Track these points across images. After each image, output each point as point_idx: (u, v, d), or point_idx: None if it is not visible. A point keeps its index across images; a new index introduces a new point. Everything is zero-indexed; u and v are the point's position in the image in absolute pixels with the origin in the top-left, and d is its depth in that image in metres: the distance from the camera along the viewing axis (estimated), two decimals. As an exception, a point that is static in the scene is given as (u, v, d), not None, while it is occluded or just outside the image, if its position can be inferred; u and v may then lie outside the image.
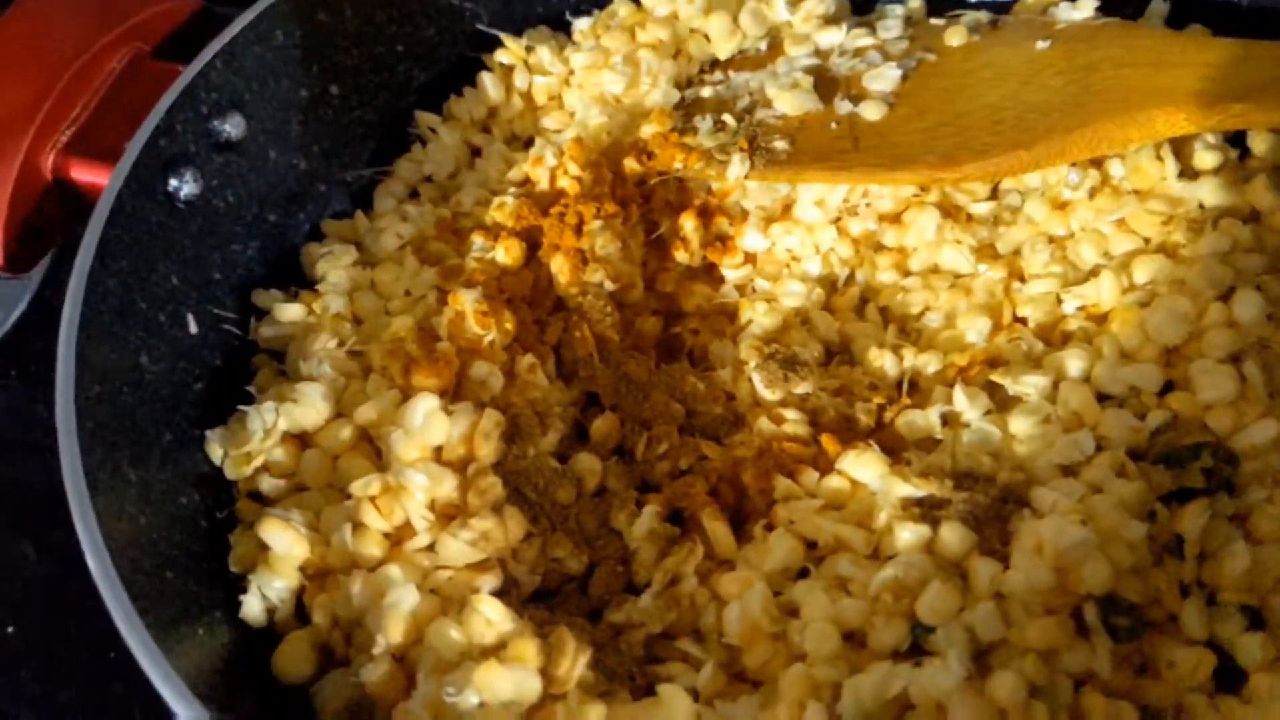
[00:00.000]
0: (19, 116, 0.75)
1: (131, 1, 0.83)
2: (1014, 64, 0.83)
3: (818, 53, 0.92)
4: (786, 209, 0.88)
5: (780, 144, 0.85)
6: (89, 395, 0.65)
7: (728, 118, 0.88)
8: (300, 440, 0.75)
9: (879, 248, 0.88)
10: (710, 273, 0.87)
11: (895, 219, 0.88)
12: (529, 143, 0.94)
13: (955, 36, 0.88)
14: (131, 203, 0.73)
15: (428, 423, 0.70)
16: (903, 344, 0.81)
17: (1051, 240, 0.83)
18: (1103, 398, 0.73)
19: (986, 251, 0.85)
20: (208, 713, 0.57)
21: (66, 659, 0.84)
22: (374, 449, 0.74)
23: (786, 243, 0.86)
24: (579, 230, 0.82)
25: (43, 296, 1.06)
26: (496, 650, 0.62)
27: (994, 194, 0.88)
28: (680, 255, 0.85)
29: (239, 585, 0.70)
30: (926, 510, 0.68)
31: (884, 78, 0.86)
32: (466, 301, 0.76)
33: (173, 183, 0.77)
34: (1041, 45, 0.83)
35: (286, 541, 0.68)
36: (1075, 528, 0.62)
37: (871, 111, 0.85)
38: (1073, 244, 0.82)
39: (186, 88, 0.77)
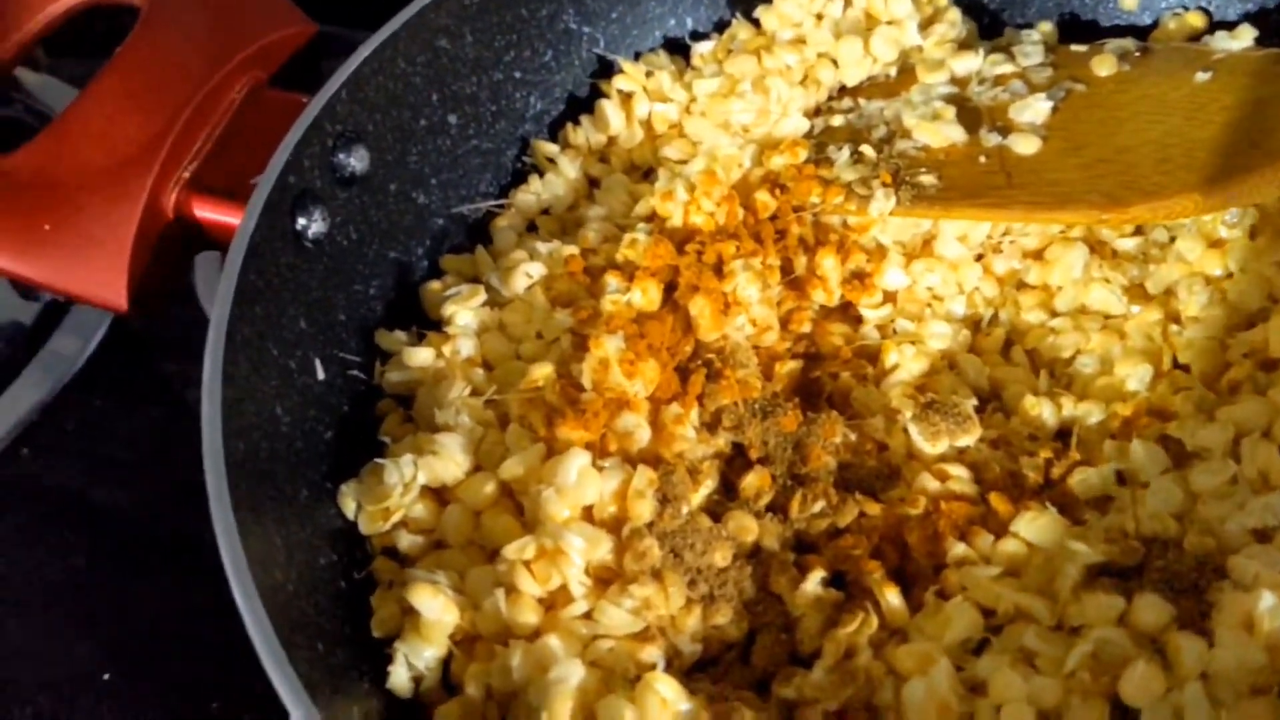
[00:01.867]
0: (143, 153, 0.72)
1: (250, 28, 0.79)
2: (1173, 97, 0.79)
3: (954, 80, 0.88)
4: (927, 244, 0.84)
5: (927, 178, 0.81)
6: (235, 456, 0.62)
7: (866, 149, 0.84)
8: (437, 495, 0.71)
9: (1021, 286, 0.84)
10: (846, 311, 0.84)
11: (1038, 255, 0.84)
12: (647, 174, 0.91)
13: (1104, 66, 0.84)
14: (263, 244, 0.70)
15: (581, 481, 0.67)
16: (1059, 392, 0.77)
17: (1208, 280, 0.79)
18: (1287, 454, 0.69)
19: (1136, 291, 0.81)
20: None
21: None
22: (515, 504, 0.71)
23: (928, 281, 0.83)
24: (719, 270, 0.78)
25: (121, 318, 1.04)
26: (672, 732, 0.59)
27: (1140, 230, 0.84)
28: (818, 294, 0.81)
29: (381, 652, 0.66)
30: (1115, 580, 0.64)
31: (1033, 109, 0.82)
32: (610, 348, 0.72)
33: (301, 221, 0.73)
34: (1202, 77, 0.79)
35: (438, 608, 0.64)
36: (1289, 604, 0.58)
37: (1024, 145, 0.81)
38: (1232, 285, 0.78)
39: (314, 120, 0.74)
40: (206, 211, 0.75)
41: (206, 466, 0.60)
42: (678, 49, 0.95)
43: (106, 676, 0.85)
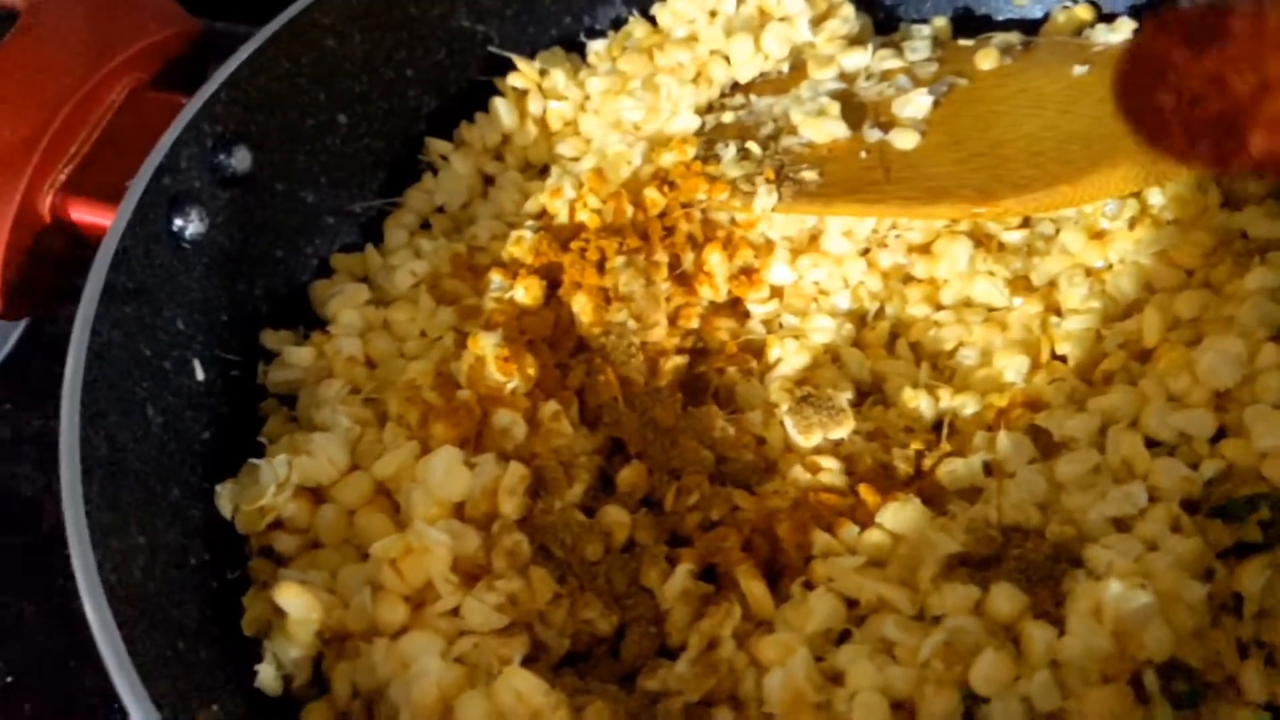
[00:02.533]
0: (15, 155, 0.71)
1: (130, 30, 0.79)
2: (1050, 90, 0.80)
3: (843, 76, 0.89)
4: (813, 240, 0.85)
5: (809, 174, 0.82)
6: (95, 455, 0.62)
7: (752, 146, 0.84)
8: (314, 494, 0.72)
9: (908, 279, 0.85)
10: (734, 307, 0.84)
11: (925, 249, 0.85)
12: (543, 170, 0.91)
13: (987, 60, 0.85)
14: (135, 245, 0.69)
15: (449, 477, 0.67)
16: (938, 384, 0.78)
17: (1089, 272, 0.80)
18: (1151, 444, 0.70)
19: (1020, 284, 0.82)
20: None
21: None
22: (392, 503, 0.71)
23: (814, 276, 0.83)
24: (601, 267, 0.79)
25: (36, 322, 1.03)
26: (529, 725, 0.59)
27: (1026, 222, 0.85)
28: (705, 290, 0.82)
29: (253, 650, 0.66)
30: (974, 568, 0.65)
31: (915, 104, 0.83)
32: (487, 346, 0.72)
33: (178, 222, 0.73)
34: (1079, 70, 0.80)
35: (304, 606, 0.64)
36: (1137, 592, 0.59)
37: (903, 140, 0.81)
38: (1112, 276, 0.79)
39: (190, 122, 0.74)
40: (83, 214, 0.75)
41: (62, 465, 0.60)
42: (574, 47, 0.95)
43: (10, 680, 0.86)
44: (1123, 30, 0.84)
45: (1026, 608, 0.62)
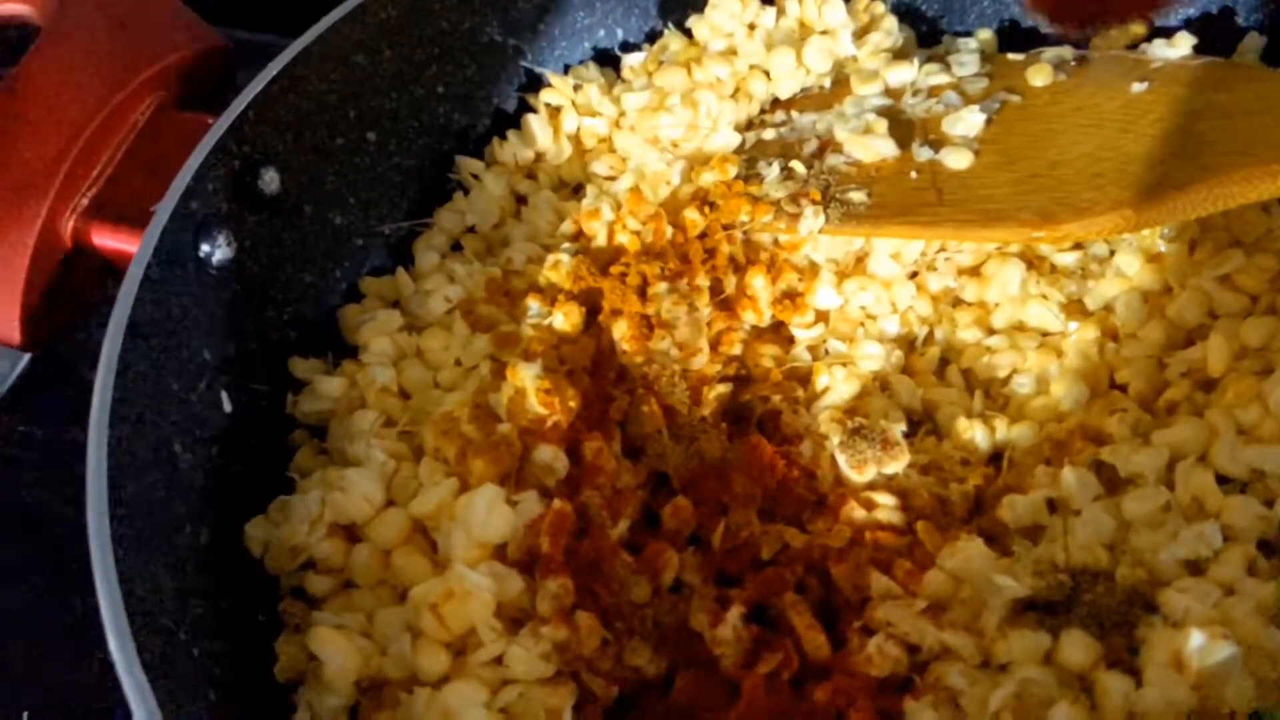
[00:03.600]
0: (37, 178, 0.69)
1: (154, 47, 0.76)
2: (1108, 108, 0.77)
3: (888, 92, 0.86)
4: (859, 262, 0.82)
5: (856, 195, 0.79)
6: (122, 498, 0.59)
7: (796, 165, 0.81)
8: (348, 532, 0.69)
9: (957, 303, 0.82)
10: (777, 332, 0.81)
11: (974, 272, 0.82)
12: (577, 189, 0.88)
13: (1039, 76, 0.82)
14: (161, 274, 0.67)
15: (491, 517, 0.64)
16: (993, 413, 0.75)
17: (1147, 297, 0.77)
18: (1221, 479, 0.67)
19: (1074, 308, 0.79)
20: None
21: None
22: (429, 541, 0.68)
23: (861, 300, 0.80)
24: (642, 293, 0.76)
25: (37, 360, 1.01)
26: (581, 782, 0.56)
27: (1079, 244, 0.82)
28: (748, 315, 0.79)
29: (286, 698, 0.63)
30: (1043, 614, 0.62)
31: (966, 121, 0.80)
32: (527, 377, 0.69)
33: (205, 248, 0.70)
34: (1138, 88, 0.77)
35: (340, 654, 0.62)
36: (1219, 643, 0.56)
37: (956, 160, 0.78)
38: (1171, 301, 0.76)
39: (217, 144, 0.71)
40: (106, 239, 0.72)
41: (89, 511, 0.57)
42: (608, 61, 0.93)
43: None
44: (1181, 46, 0.81)
45: (1100, 657, 0.59)
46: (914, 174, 0.79)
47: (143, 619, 0.56)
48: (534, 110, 0.88)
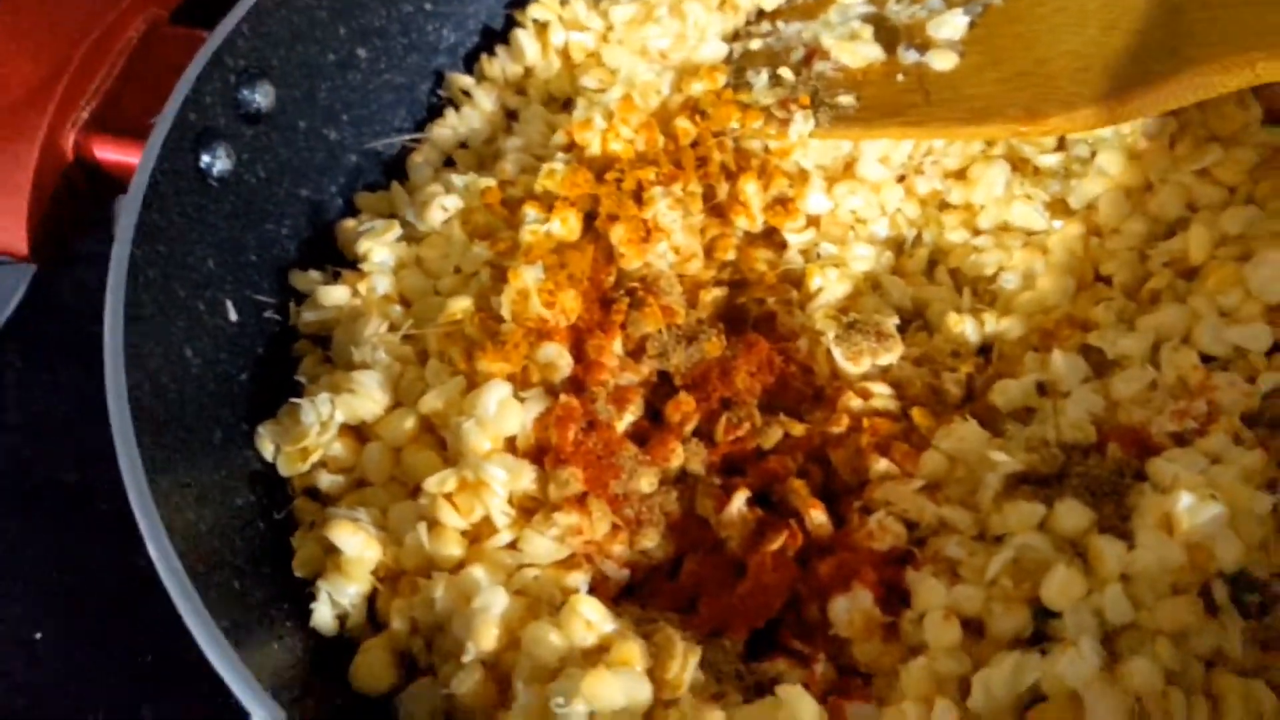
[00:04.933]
0: (38, 93, 0.69)
1: (146, -38, 0.76)
2: (1091, 7, 0.79)
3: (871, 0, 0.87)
4: (848, 167, 0.83)
5: (845, 99, 0.80)
6: (141, 397, 0.60)
7: (784, 72, 0.83)
8: (356, 432, 0.70)
9: (944, 206, 0.84)
10: (770, 237, 0.83)
11: (960, 175, 0.83)
12: (566, 104, 0.89)
13: (1020, -21, 0.83)
14: (165, 183, 0.68)
15: (501, 412, 0.66)
16: (982, 308, 0.77)
17: (1129, 193, 0.79)
18: (1205, 359, 0.69)
19: (1058, 206, 0.81)
20: (284, 713, 0.53)
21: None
22: (436, 439, 0.69)
23: (851, 203, 0.82)
24: (639, 198, 0.77)
25: (40, 277, 1.01)
26: (598, 654, 0.58)
27: (1061, 144, 0.83)
28: (741, 220, 0.80)
29: (305, 591, 0.65)
30: (1036, 487, 0.64)
31: (950, 24, 0.82)
32: (529, 279, 0.71)
33: (205, 159, 0.71)
34: (1119, -14, 0.79)
35: (359, 544, 0.63)
36: (1207, 503, 0.58)
37: (942, 61, 0.80)
38: (1153, 196, 0.78)
39: (213, 56, 0.72)
40: (107, 152, 0.73)
41: (111, 409, 0.59)
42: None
43: (38, 635, 0.84)
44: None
45: (1093, 523, 0.61)
46: (900, 76, 0.81)
47: (169, 512, 0.57)
48: (522, 26, 0.89)
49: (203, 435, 0.66)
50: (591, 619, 0.58)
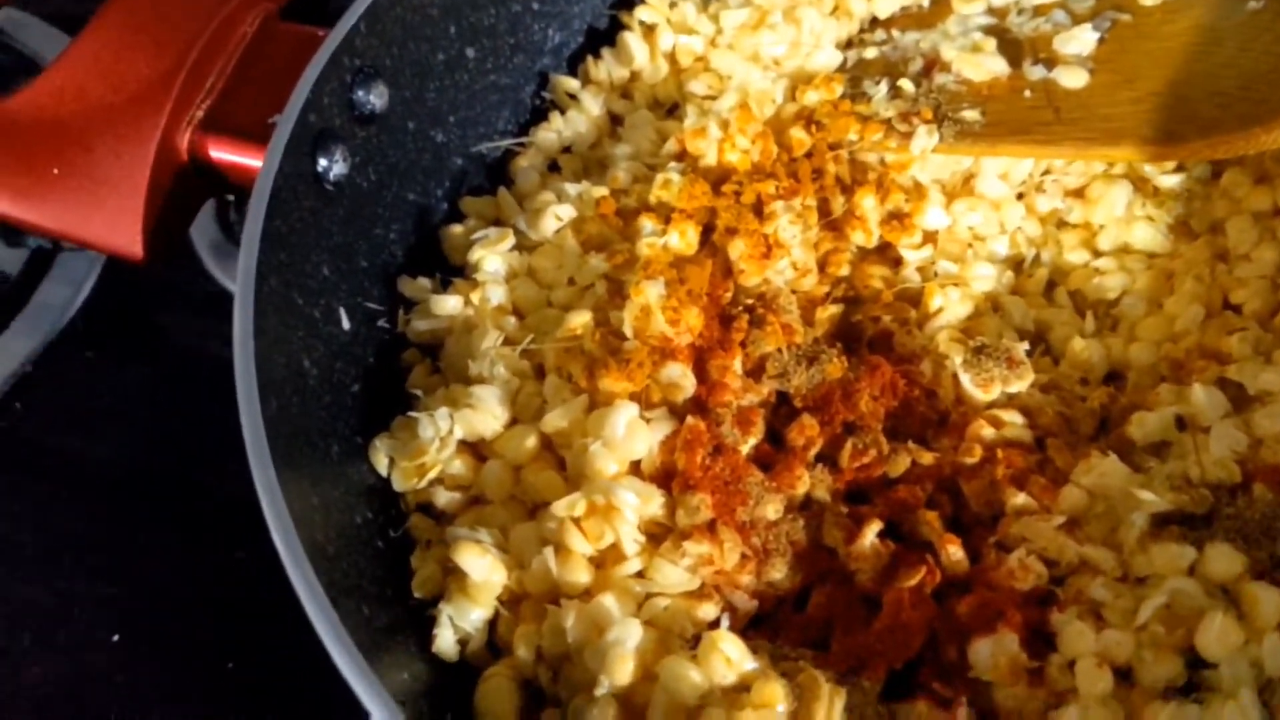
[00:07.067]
0: (154, 90, 0.67)
1: (257, -43, 0.74)
2: (1224, 27, 0.76)
3: (991, 10, 0.85)
4: (967, 182, 0.81)
5: (970, 113, 0.78)
6: (269, 412, 0.58)
7: (905, 83, 0.80)
8: (471, 449, 0.68)
9: (1063, 225, 0.81)
10: (885, 253, 0.80)
11: (1079, 193, 0.81)
12: (671, 109, 0.87)
13: (1149, -6, 0.81)
14: (285, 187, 0.66)
15: (630, 434, 0.64)
16: (1107, 334, 0.75)
17: (1257, 217, 0.77)
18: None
19: (1180, 229, 0.79)
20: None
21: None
22: (555, 458, 0.68)
23: (969, 220, 0.80)
24: (758, 211, 0.75)
25: (110, 267, 1.00)
26: (738, 693, 0.56)
27: (1181, 165, 0.81)
28: (857, 236, 0.78)
29: (422, 614, 0.63)
30: (1182, 527, 0.62)
31: (1079, 40, 0.79)
32: (652, 295, 0.69)
33: (322, 162, 0.69)
34: (1254, 5, 0.76)
35: (485, 567, 0.62)
36: (1372, 554, 0.56)
37: (1072, 78, 0.77)
38: (1283, 222, 0.76)
39: (332, 55, 0.69)
40: (223, 153, 0.71)
41: (244, 424, 0.57)
42: (703, -23, 0.91)
43: (116, 638, 0.83)
44: (1295, -38, 0.80)
45: (1246, 568, 0.59)
46: (1028, 93, 0.78)
47: (303, 533, 0.56)
48: (629, 28, 0.87)
49: (323, 450, 0.64)
50: (732, 656, 0.57)
